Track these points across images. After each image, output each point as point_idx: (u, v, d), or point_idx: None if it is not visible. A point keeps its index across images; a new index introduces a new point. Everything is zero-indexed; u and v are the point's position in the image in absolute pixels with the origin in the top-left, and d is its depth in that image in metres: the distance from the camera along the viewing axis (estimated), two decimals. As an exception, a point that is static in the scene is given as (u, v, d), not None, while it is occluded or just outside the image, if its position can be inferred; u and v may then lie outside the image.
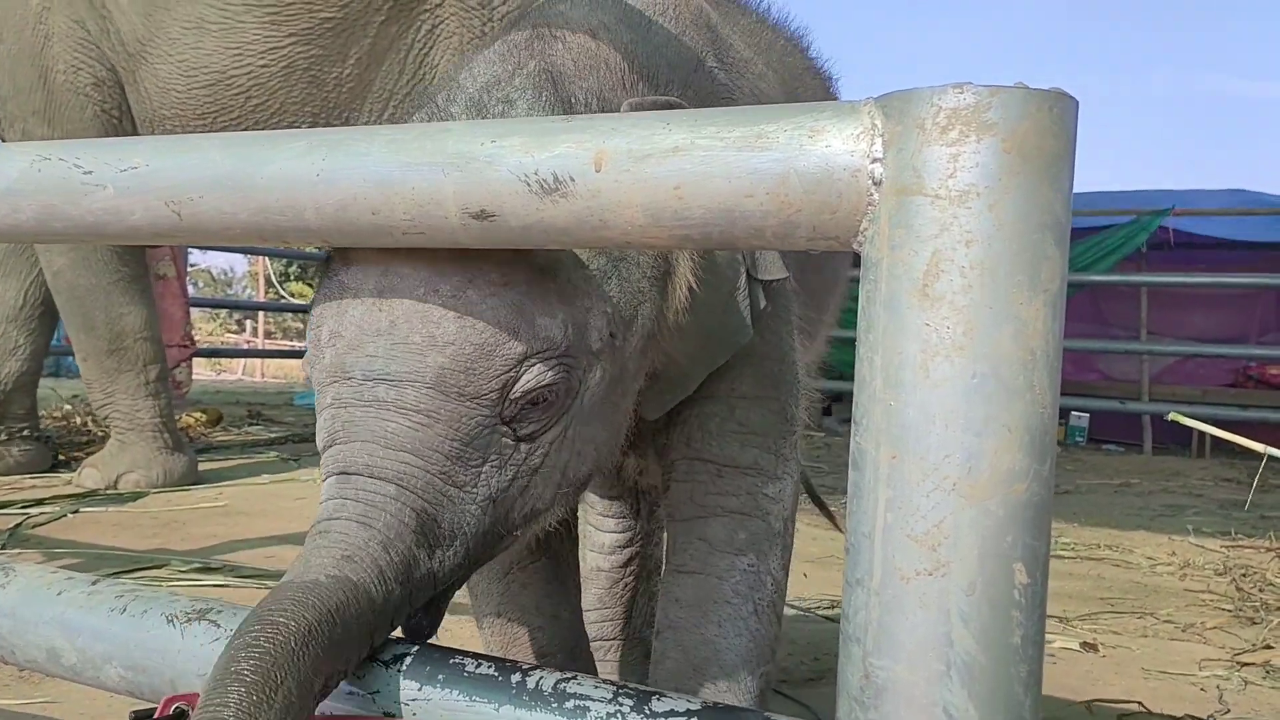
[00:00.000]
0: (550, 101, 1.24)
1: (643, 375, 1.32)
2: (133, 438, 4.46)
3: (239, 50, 3.97)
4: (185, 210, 0.96)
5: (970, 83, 0.68)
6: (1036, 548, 0.69)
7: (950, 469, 0.67)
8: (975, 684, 0.67)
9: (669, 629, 1.48)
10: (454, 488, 1.05)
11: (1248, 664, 2.66)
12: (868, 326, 0.72)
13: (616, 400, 1.25)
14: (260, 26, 3.94)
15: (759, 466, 1.49)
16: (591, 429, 1.20)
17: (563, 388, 1.10)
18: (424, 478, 1.02)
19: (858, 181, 0.71)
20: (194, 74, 4.04)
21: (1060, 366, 0.70)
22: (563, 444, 1.15)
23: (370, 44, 4.01)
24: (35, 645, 1.11)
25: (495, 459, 1.08)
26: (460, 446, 1.04)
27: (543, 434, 1.12)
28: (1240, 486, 6.36)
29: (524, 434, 1.10)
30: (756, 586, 1.46)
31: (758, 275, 1.39)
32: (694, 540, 1.49)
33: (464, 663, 0.93)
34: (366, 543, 0.97)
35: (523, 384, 1.06)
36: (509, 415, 1.07)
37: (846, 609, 0.73)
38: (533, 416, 1.09)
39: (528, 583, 1.66)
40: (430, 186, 0.85)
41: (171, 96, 4.11)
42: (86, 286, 4.37)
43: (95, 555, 3.16)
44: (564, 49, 1.33)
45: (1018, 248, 0.67)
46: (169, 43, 4.04)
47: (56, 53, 4.16)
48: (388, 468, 1.02)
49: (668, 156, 0.77)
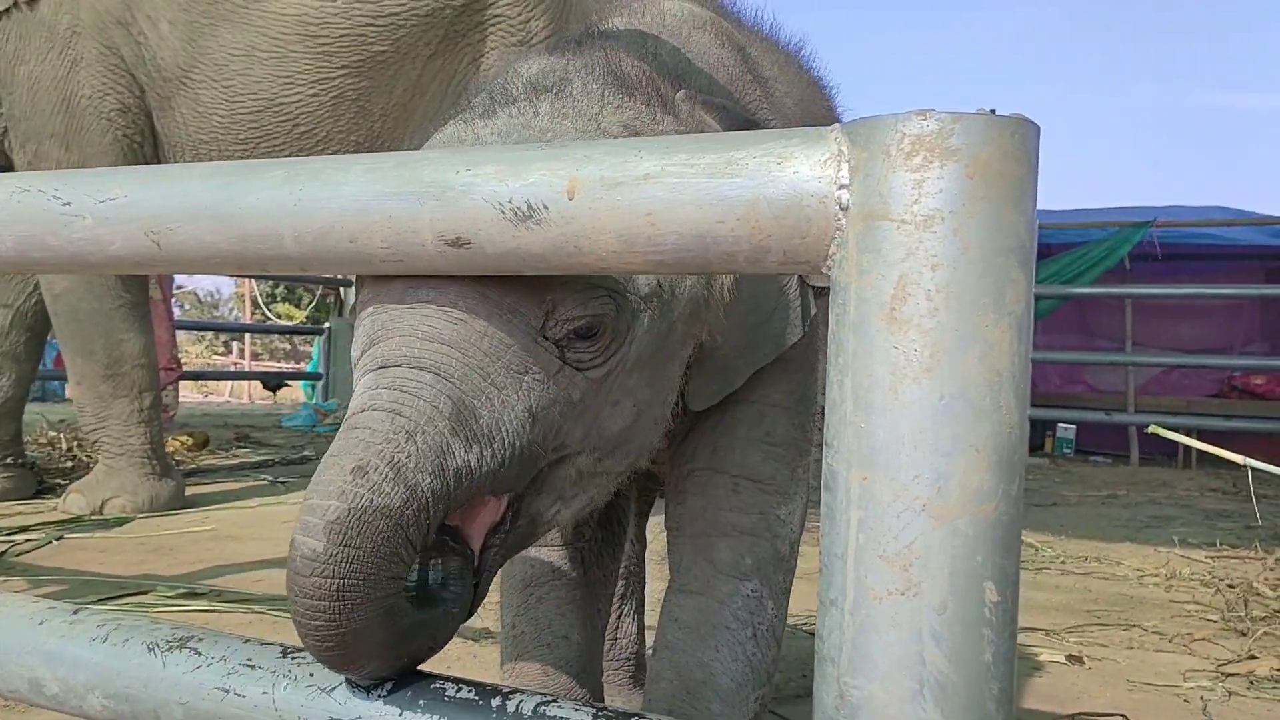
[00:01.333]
0: (603, 77, 1.25)
1: (690, 346, 1.29)
2: (121, 463, 4.45)
3: (289, 79, 4.05)
4: (164, 240, 0.97)
5: (933, 109, 0.69)
6: (1006, 566, 0.70)
7: (920, 489, 0.68)
8: (948, 702, 0.68)
9: (665, 649, 1.48)
10: (493, 386, 1.02)
11: (1233, 675, 2.68)
12: (837, 350, 0.73)
13: (662, 362, 1.23)
14: (312, 57, 4.03)
15: (776, 482, 1.50)
16: (634, 381, 1.17)
17: (610, 322, 1.09)
18: (462, 368, 1.00)
19: (826, 207, 0.72)
20: (240, 99, 4.10)
21: (1028, 387, 0.71)
22: (603, 387, 1.13)
23: (417, 76, 4.12)
24: (17, 675, 1.10)
25: (539, 373, 1.05)
26: (500, 347, 1.02)
27: (587, 368, 1.10)
28: (1226, 497, 6.40)
29: (570, 359, 1.08)
30: (757, 611, 1.46)
31: (810, 280, 1.40)
32: (699, 561, 1.49)
33: (444, 687, 0.93)
34: (388, 438, 0.93)
35: (568, 303, 1.04)
36: (555, 335, 1.05)
37: (821, 629, 0.74)
38: (580, 347, 1.07)
39: (544, 598, 1.65)
40: (407, 215, 0.86)
41: (213, 121, 4.16)
42: (89, 311, 4.38)
43: (81, 581, 3.15)
44: (616, 43, 1.36)
45: (983, 271, 0.68)
46: (214, 68, 4.09)
47: (84, 77, 4.19)
48: (425, 357, 0.99)
49: (639, 184, 0.78)
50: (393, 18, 4.03)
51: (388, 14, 4.02)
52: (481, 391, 1.01)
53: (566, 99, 1.21)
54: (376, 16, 4.02)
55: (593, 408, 1.13)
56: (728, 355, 1.38)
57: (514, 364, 1.03)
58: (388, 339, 1.02)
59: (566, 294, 1.04)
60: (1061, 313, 9.42)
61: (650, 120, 1.24)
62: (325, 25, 4.01)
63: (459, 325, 1.01)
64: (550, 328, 1.05)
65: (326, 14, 4.00)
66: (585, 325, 1.07)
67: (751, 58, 1.63)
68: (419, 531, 0.93)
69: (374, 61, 4.07)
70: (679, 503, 1.54)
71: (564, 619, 1.65)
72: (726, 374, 1.41)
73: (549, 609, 1.65)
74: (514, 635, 1.64)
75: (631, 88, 1.26)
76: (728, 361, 1.39)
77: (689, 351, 1.31)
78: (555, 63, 1.28)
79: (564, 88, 1.22)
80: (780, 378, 1.50)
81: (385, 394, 0.98)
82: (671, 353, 1.24)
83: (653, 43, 1.42)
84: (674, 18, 1.56)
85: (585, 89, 1.23)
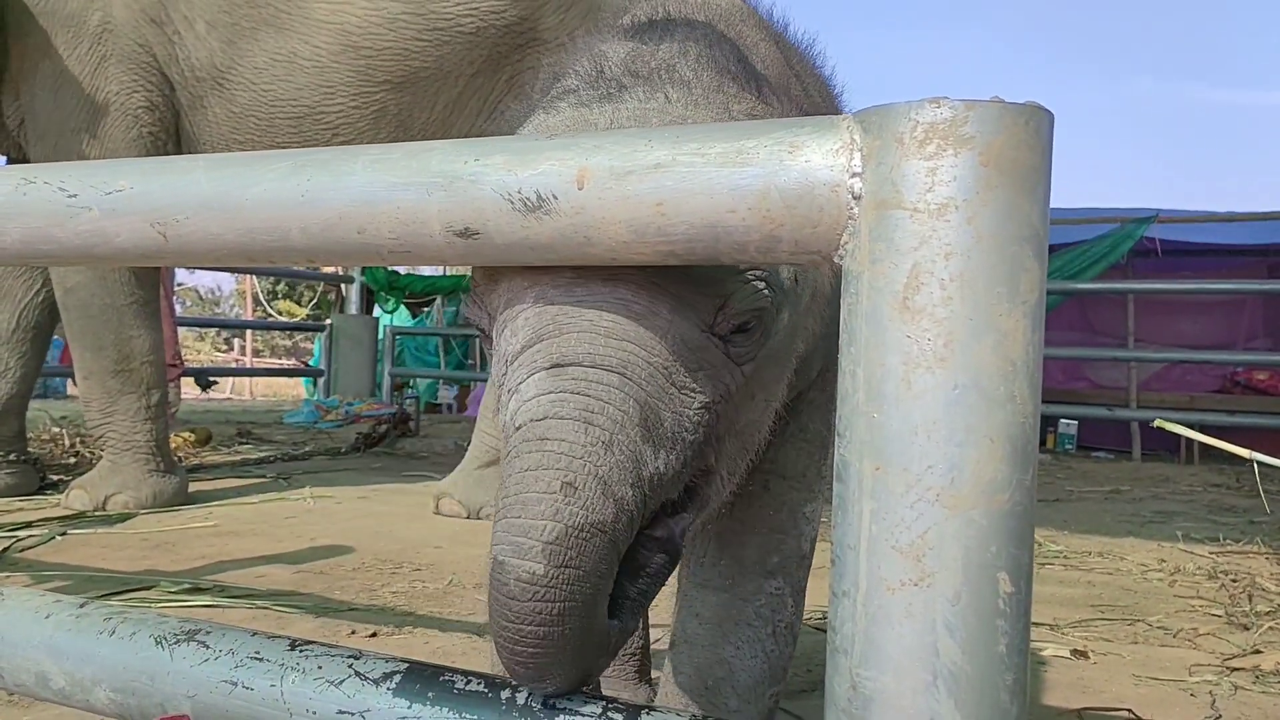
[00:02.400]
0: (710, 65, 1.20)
1: (804, 340, 1.26)
2: (126, 459, 4.44)
3: (331, 89, 4.08)
4: (171, 232, 0.97)
5: (947, 97, 0.69)
6: (1020, 557, 0.69)
7: (933, 480, 0.68)
8: (962, 693, 0.68)
9: (685, 644, 1.48)
10: (673, 386, 0.97)
11: (1238, 669, 2.67)
12: (849, 340, 0.72)
13: (788, 354, 1.20)
14: (354, 71, 4.07)
15: (805, 479, 1.49)
16: (769, 375, 1.15)
17: (768, 316, 1.05)
18: (647, 369, 0.95)
19: (838, 196, 0.72)
20: (279, 105, 4.12)
21: (1040, 377, 0.71)
22: (749, 382, 1.09)
23: (459, 93, 4.17)
24: (24, 669, 1.10)
25: (710, 370, 1.01)
26: (680, 344, 0.97)
27: (745, 361, 1.06)
28: (1229, 492, 6.39)
29: (733, 354, 1.04)
30: (779, 609, 1.46)
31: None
32: (726, 557, 1.48)
33: (453, 679, 0.93)
34: (588, 450, 0.89)
35: (739, 297, 1.01)
36: (721, 330, 1.01)
37: (833, 620, 0.73)
38: (738, 340, 1.03)
39: None
40: (415, 205, 0.86)
41: (248, 123, 4.18)
42: (100, 306, 4.38)
43: (84, 577, 3.15)
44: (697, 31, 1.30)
45: (996, 260, 0.68)
46: (253, 72, 4.11)
47: (112, 73, 4.19)
48: (611, 356, 0.93)
49: (650, 173, 0.78)
50: (438, 33, 4.04)
51: (433, 29, 4.04)
52: (664, 392, 0.96)
53: (691, 87, 1.15)
54: (422, 31, 4.04)
55: (741, 404, 1.09)
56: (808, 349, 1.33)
57: (691, 361, 0.99)
58: (562, 334, 0.95)
59: (737, 287, 1.00)
60: (1064, 309, 9.41)
61: (765, 110, 1.19)
62: (369, 37, 4.03)
63: (640, 321, 0.95)
64: (719, 323, 1.01)
65: (370, 26, 4.02)
66: (749, 318, 1.03)
67: (789, 55, 1.61)
68: (625, 545, 0.91)
69: (416, 78, 4.09)
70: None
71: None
72: (808, 363, 1.38)
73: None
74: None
75: (736, 76, 1.21)
76: (812, 351, 1.35)
77: (803, 347, 1.27)
78: (647, 50, 1.22)
79: (673, 73, 1.16)
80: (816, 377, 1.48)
81: (572, 400, 0.91)
82: (794, 345, 1.21)
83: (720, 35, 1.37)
84: (720, 9, 1.52)
85: (699, 77, 1.17)
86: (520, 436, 0.92)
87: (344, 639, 2.60)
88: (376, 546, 3.77)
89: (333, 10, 4.03)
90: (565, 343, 0.94)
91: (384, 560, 3.56)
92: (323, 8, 4.04)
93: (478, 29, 4.07)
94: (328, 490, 5.03)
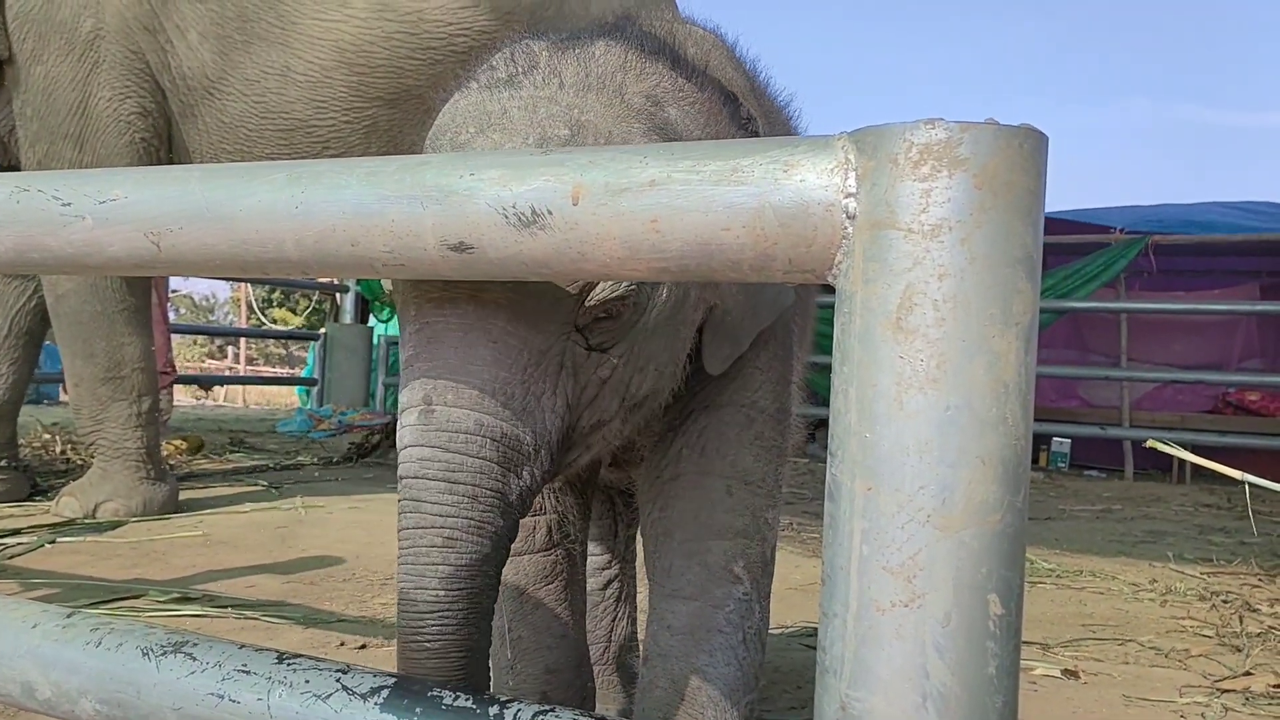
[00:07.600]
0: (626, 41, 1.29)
1: (702, 308, 1.35)
2: (116, 466, 4.43)
3: (324, 103, 4.10)
4: (164, 242, 0.96)
5: (942, 118, 0.69)
6: (1011, 579, 0.69)
7: (925, 501, 0.68)
8: (951, 715, 0.68)
9: (659, 657, 1.48)
10: (532, 397, 1.08)
11: (1229, 690, 2.67)
12: (842, 359, 0.72)
13: (677, 326, 1.29)
14: (348, 85, 4.08)
15: (766, 484, 1.52)
16: (654, 346, 1.24)
17: (632, 300, 1.14)
18: (504, 395, 1.06)
19: (832, 215, 0.72)
20: (271, 117, 4.13)
21: (1032, 398, 0.71)
22: (629, 359, 1.19)
23: None
24: (9, 679, 1.09)
25: (570, 366, 1.12)
26: (538, 356, 1.08)
27: (611, 346, 1.16)
28: (1220, 513, 6.40)
29: (595, 344, 1.14)
30: (747, 615, 1.47)
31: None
32: (693, 565, 1.48)
33: (441, 695, 0.93)
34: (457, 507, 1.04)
35: (598, 291, 1.09)
36: (582, 324, 1.11)
37: (822, 641, 0.73)
38: (602, 328, 1.13)
39: (540, 603, 1.67)
40: (409, 219, 0.86)
41: (239, 134, 4.19)
42: (91, 313, 4.37)
43: (72, 585, 3.13)
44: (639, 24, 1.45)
45: (990, 281, 0.68)
46: (245, 83, 4.12)
47: (104, 79, 4.19)
48: (467, 394, 1.05)
49: (644, 190, 0.77)
50: (431, 52, 4.06)
51: (426, 48, 4.06)
52: (524, 409, 1.08)
53: (590, 62, 1.23)
54: (415, 50, 4.05)
55: (623, 379, 1.20)
56: (735, 319, 1.42)
57: (550, 368, 1.10)
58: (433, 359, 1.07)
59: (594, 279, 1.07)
60: (1056, 327, 9.42)
61: (672, 88, 1.25)
62: (363, 54, 4.04)
63: (499, 344, 1.06)
64: (580, 315, 1.10)
65: (364, 43, 4.04)
66: (612, 307, 1.11)
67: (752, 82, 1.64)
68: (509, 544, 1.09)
69: (409, 95, 4.09)
70: (666, 508, 1.53)
71: (559, 621, 1.67)
72: (735, 336, 1.45)
73: (545, 614, 1.66)
74: (512, 640, 1.65)
75: (653, 54, 1.28)
76: (735, 325, 1.43)
77: (700, 316, 1.35)
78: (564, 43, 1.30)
79: (586, 51, 1.24)
80: (766, 384, 1.53)
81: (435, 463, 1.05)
82: (685, 317, 1.30)
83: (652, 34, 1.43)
84: (689, 33, 1.56)
85: (608, 52, 1.24)
86: (402, 491, 1.07)
87: (333, 650, 2.59)
88: (367, 557, 3.76)
89: (327, 27, 4.05)
90: (433, 370, 1.07)
91: (374, 571, 3.55)
92: (317, 24, 4.05)
93: (470, 48, 4.08)
94: (319, 500, 5.02)
